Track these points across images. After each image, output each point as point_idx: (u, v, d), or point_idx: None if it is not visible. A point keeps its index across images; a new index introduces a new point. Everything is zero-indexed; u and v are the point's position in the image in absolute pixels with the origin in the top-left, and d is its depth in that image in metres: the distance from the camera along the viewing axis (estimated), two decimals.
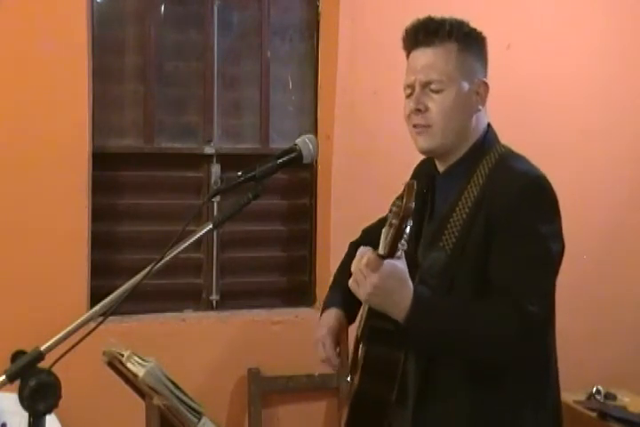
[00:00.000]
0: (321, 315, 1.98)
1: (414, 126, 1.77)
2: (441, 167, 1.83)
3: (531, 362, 1.70)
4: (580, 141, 3.54)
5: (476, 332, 1.60)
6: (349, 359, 1.87)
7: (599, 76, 3.56)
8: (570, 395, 3.14)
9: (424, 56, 1.75)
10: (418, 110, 1.74)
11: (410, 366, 1.73)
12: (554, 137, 3.47)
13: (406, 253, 1.58)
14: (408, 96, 1.78)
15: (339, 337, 1.90)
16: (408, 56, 1.81)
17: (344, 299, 1.93)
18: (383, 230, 1.59)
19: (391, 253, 1.52)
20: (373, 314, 1.64)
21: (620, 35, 3.58)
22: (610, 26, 3.57)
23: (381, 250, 1.56)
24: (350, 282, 1.58)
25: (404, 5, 3.13)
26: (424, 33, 1.75)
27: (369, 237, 1.97)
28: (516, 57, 3.29)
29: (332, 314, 1.93)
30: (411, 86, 1.77)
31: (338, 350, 1.89)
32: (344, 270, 2.03)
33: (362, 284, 1.55)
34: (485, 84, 1.78)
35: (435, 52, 1.74)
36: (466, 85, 1.75)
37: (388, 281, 1.53)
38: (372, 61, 3.23)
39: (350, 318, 1.93)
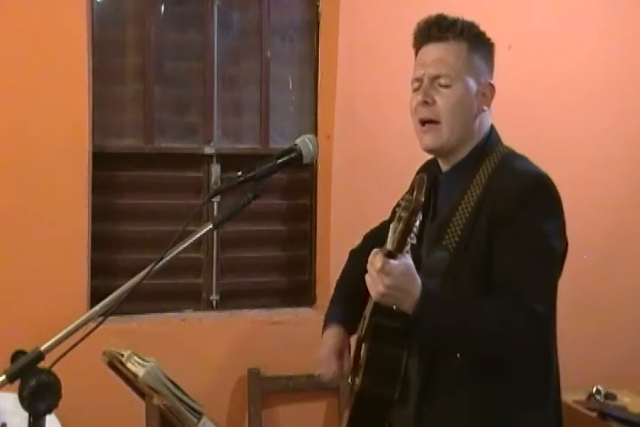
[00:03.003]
0: (322, 331, 1.97)
1: (421, 123, 1.77)
2: (444, 167, 1.83)
3: (533, 361, 1.70)
4: (580, 141, 3.54)
5: (485, 327, 1.60)
6: (351, 360, 1.87)
7: (600, 76, 3.56)
8: (570, 395, 3.14)
9: (435, 50, 1.77)
10: (425, 103, 1.75)
11: (412, 364, 1.73)
12: (554, 137, 3.47)
13: (412, 249, 1.58)
14: (415, 90, 1.79)
15: (341, 354, 1.89)
16: (417, 52, 1.82)
17: (344, 312, 1.94)
18: (391, 225, 1.59)
19: (400, 248, 1.52)
20: (379, 311, 1.64)
21: (621, 34, 3.58)
22: (610, 25, 3.56)
23: (390, 244, 1.55)
24: (366, 276, 1.58)
25: (403, 6, 3.13)
26: (437, 28, 1.76)
27: (371, 242, 1.97)
28: (517, 57, 3.29)
29: (332, 332, 1.93)
30: (419, 80, 1.78)
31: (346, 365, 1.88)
32: (345, 280, 2.04)
33: (375, 283, 1.55)
34: (492, 87, 1.80)
35: (446, 47, 1.75)
36: (473, 85, 1.76)
37: (400, 281, 1.53)
38: (371, 61, 3.22)
39: (352, 330, 1.92)
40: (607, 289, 3.59)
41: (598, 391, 3.24)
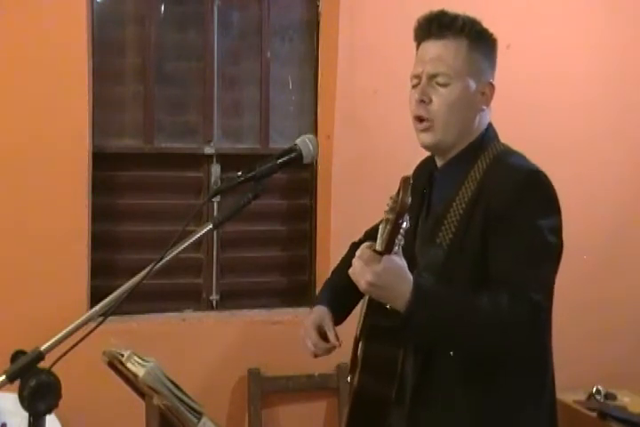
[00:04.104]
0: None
1: (417, 120, 1.76)
2: (439, 163, 1.83)
3: (528, 359, 1.69)
4: (580, 141, 3.54)
5: (480, 321, 1.58)
6: (350, 358, 1.87)
7: (599, 76, 3.56)
8: (570, 395, 3.15)
9: (434, 48, 1.75)
10: (422, 101, 1.74)
11: (407, 364, 1.73)
12: (554, 137, 3.47)
13: (404, 249, 1.57)
14: (414, 86, 1.78)
15: (321, 327, 1.88)
16: (418, 47, 1.81)
17: (331, 297, 1.95)
18: (380, 226, 1.59)
19: (388, 249, 1.51)
20: (373, 312, 1.64)
21: (620, 34, 3.58)
22: (610, 25, 3.56)
23: (378, 246, 1.54)
24: (350, 271, 1.58)
25: (403, 5, 3.13)
26: (437, 25, 1.75)
27: (371, 238, 1.97)
28: (515, 57, 3.28)
29: (315, 311, 1.93)
30: (417, 77, 1.77)
31: (331, 334, 1.87)
32: (339, 270, 2.04)
33: (359, 279, 1.55)
34: (492, 86, 1.78)
35: (445, 45, 1.74)
36: (472, 83, 1.74)
37: (383, 277, 1.52)
38: (371, 61, 3.22)
39: (338, 314, 1.92)
40: (607, 289, 3.59)
41: (598, 391, 3.24)
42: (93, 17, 3.04)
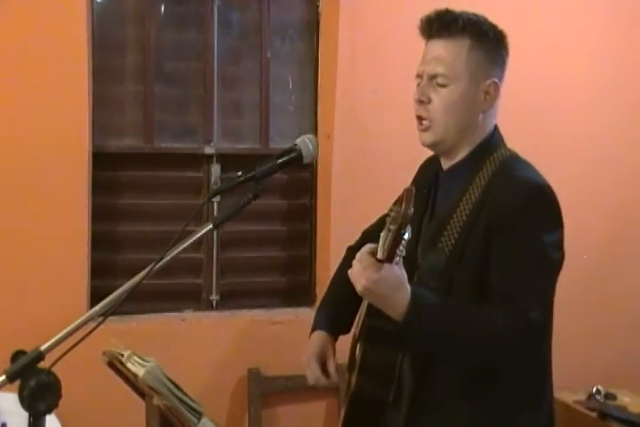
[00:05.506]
0: (310, 334, 1.98)
1: (418, 119, 1.76)
2: (445, 165, 1.82)
3: (526, 367, 1.69)
4: (579, 142, 3.54)
5: (475, 335, 1.58)
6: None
7: (599, 77, 3.56)
8: (570, 395, 3.15)
9: (435, 48, 1.74)
10: (421, 101, 1.74)
11: (406, 367, 1.72)
12: (554, 137, 3.47)
13: (406, 253, 1.57)
14: (418, 85, 1.77)
15: (323, 358, 1.90)
16: (426, 45, 1.80)
17: (331, 317, 1.96)
18: (381, 235, 1.59)
19: (389, 259, 1.50)
20: (372, 314, 1.64)
21: (620, 35, 3.58)
22: (610, 26, 3.56)
23: (379, 254, 1.54)
24: (349, 272, 1.57)
25: (403, 5, 3.13)
26: (438, 25, 1.74)
27: (368, 239, 1.97)
28: (515, 57, 3.28)
29: (316, 337, 1.94)
30: (420, 76, 1.77)
31: (331, 368, 1.89)
32: (338, 278, 2.03)
33: (356, 282, 1.54)
34: (496, 85, 1.76)
35: (445, 45, 1.73)
36: (473, 84, 1.73)
37: (380, 285, 1.50)
38: (371, 61, 3.22)
39: (340, 329, 1.95)
40: (607, 289, 3.59)
41: (598, 391, 3.24)
42: (93, 17, 3.04)
